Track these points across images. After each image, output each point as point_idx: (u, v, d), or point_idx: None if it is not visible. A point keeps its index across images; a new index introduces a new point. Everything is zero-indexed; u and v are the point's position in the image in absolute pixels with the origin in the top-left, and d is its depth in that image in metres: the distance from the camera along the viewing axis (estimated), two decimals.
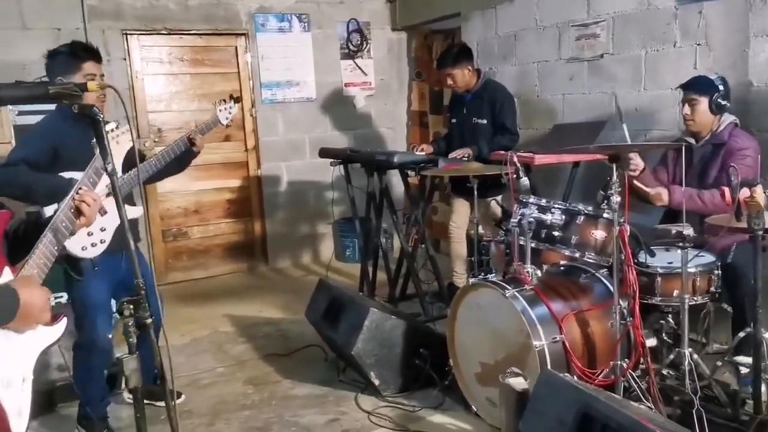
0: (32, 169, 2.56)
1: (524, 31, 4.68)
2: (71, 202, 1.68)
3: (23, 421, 1.46)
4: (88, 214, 1.70)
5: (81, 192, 1.70)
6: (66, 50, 2.75)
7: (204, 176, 5.43)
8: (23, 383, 1.48)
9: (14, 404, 1.42)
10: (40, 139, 2.69)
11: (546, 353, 2.47)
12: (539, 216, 2.81)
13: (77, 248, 2.62)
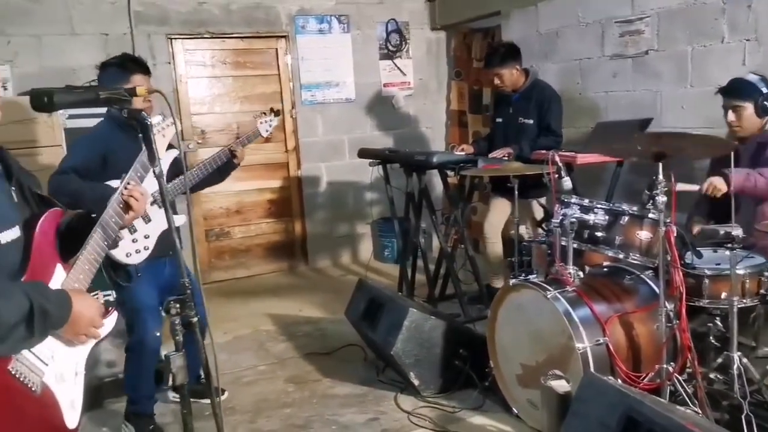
0: (81, 177, 2.64)
1: (566, 28, 4.62)
2: (120, 197, 1.72)
3: (76, 414, 1.50)
4: (137, 208, 1.73)
5: (129, 187, 1.74)
6: (116, 62, 2.84)
7: (245, 177, 5.50)
8: (76, 377, 1.52)
9: (68, 397, 1.47)
10: (89, 148, 2.78)
11: (589, 356, 2.43)
12: (582, 216, 2.77)
13: (122, 255, 2.68)
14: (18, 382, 1.32)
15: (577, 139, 4.43)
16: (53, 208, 1.57)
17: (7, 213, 1.40)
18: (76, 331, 1.46)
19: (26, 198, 1.54)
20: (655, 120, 3.87)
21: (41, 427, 1.40)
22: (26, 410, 1.35)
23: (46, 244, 1.49)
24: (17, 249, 1.41)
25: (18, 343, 1.28)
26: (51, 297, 1.36)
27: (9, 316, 1.22)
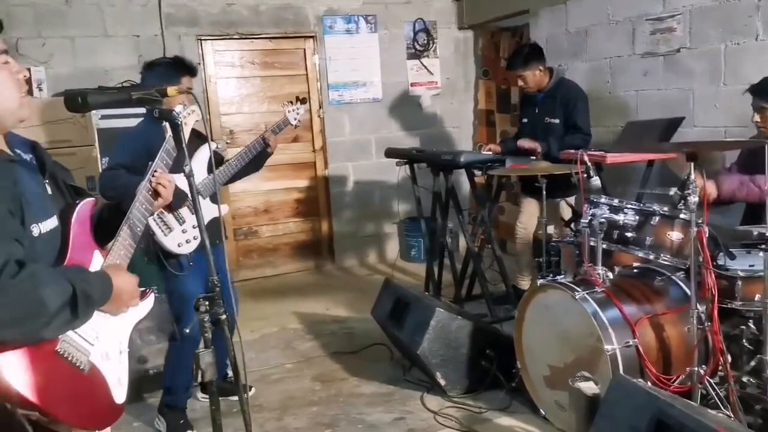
0: (129, 172, 2.70)
1: (596, 27, 4.57)
2: (148, 185, 1.77)
3: (123, 389, 1.59)
4: (165, 194, 1.79)
5: (156, 174, 1.78)
6: (166, 63, 2.87)
7: (273, 176, 5.56)
8: (120, 355, 1.60)
9: (114, 374, 1.55)
10: (134, 145, 2.82)
11: (618, 358, 2.40)
12: (611, 216, 2.74)
13: (174, 245, 2.78)
14: (66, 362, 1.39)
15: (607, 139, 4.38)
16: (88, 198, 1.61)
17: (44, 205, 1.45)
18: (118, 305, 1.54)
19: (61, 190, 1.59)
20: (687, 119, 3.80)
21: (92, 404, 1.47)
22: (76, 388, 1.42)
23: (82, 232, 1.55)
24: (56, 238, 1.47)
25: (63, 326, 1.34)
26: (92, 279, 1.43)
27: (54, 301, 1.28)
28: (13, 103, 1.41)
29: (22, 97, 1.43)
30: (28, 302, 1.24)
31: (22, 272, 1.24)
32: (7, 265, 1.22)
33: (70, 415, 1.36)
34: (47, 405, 1.29)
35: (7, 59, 1.40)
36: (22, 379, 1.27)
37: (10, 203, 1.31)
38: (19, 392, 1.26)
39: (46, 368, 1.33)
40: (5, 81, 1.39)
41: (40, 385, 1.30)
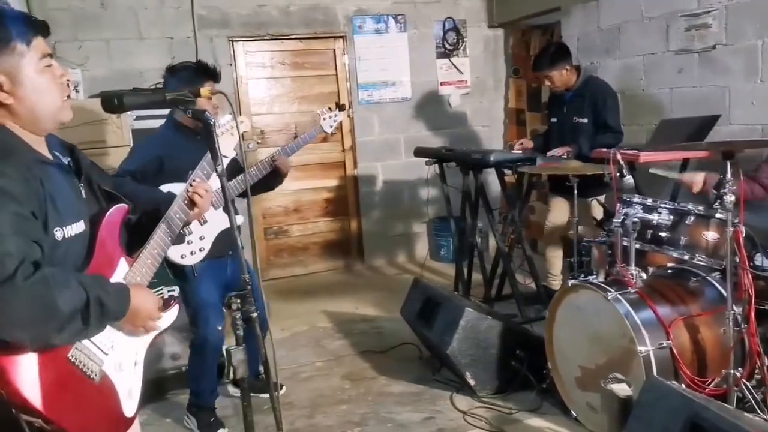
0: (137, 180, 2.70)
1: (628, 24, 4.50)
2: (185, 194, 1.77)
3: (134, 402, 1.55)
4: (201, 204, 1.78)
5: (194, 184, 1.79)
6: (190, 68, 2.87)
7: (303, 176, 5.59)
8: (135, 367, 1.57)
9: (126, 386, 1.52)
10: (147, 150, 2.85)
11: (651, 359, 2.37)
12: (644, 216, 2.70)
13: (176, 256, 2.75)
14: (77, 369, 1.36)
15: (640, 137, 4.31)
16: (120, 204, 1.62)
17: (74, 207, 1.45)
18: (134, 323, 1.51)
19: (95, 194, 1.60)
20: (723, 116, 3.72)
21: (99, 414, 1.44)
22: (85, 397, 1.39)
23: (110, 238, 1.54)
24: (82, 242, 1.46)
25: (74, 334, 1.32)
26: (110, 290, 1.40)
27: (65, 306, 1.26)
28: (54, 106, 1.42)
29: (64, 100, 1.44)
30: (40, 305, 1.22)
31: (36, 274, 1.23)
32: (22, 265, 1.21)
33: (75, 425, 1.32)
34: (52, 413, 1.26)
35: (50, 62, 1.41)
36: (29, 384, 1.24)
37: (35, 205, 1.31)
38: (25, 397, 1.23)
39: (54, 374, 1.30)
40: (48, 84, 1.40)
41: (47, 391, 1.26)
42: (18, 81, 1.36)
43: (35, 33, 1.39)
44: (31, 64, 1.37)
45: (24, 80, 1.37)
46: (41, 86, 1.39)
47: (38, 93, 1.39)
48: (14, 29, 1.35)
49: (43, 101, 1.40)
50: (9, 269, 1.19)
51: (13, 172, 1.29)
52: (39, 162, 1.40)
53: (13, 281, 1.19)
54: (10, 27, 1.34)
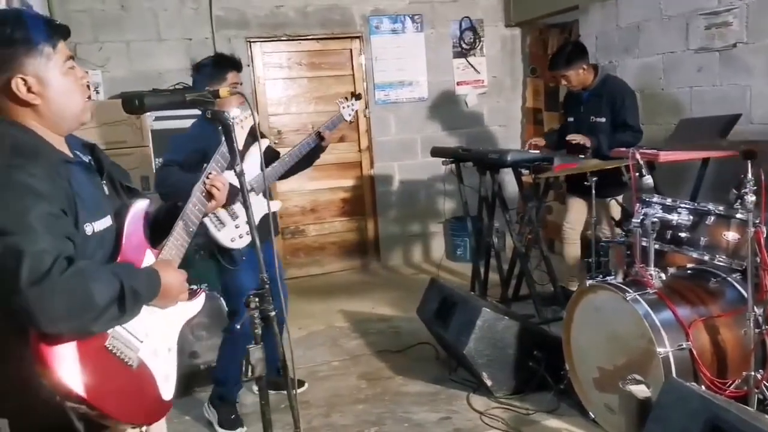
0: (182, 170, 2.78)
1: (648, 22, 4.46)
2: (202, 186, 1.80)
3: (170, 386, 1.61)
4: (218, 196, 1.82)
5: (211, 176, 1.82)
6: (210, 62, 2.96)
7: (320, 176, 5.62)
8: (169, 353, 1.63)
9: (162, 371, 1.58)
10: (189, 143, 2.91)
11: (671, 360, 2.35)
12: (664, 216, 2.67)
13: (227, 240, 2.85)
14: (115, 357, 1.42)
15: (660, 136, 4.27)
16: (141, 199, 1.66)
17: (99, 204, 1.49)
18: (166, 300, 1.57)
19: (117, 190, 1.64)
20: (744, 116, 3.68)
21: (139, 399, 1.50)
22: (124, 384, 1.45)
23: (135, 231, 1.59)
24: (110, 236, 1.51)
25: (111, 321, 1.37)
26: (140, 276, 1.46)
27: (102, 296, 1.30)
28: (77, 108, 1.47)
29: (85, 101, 1.49)
30: (77, 297, 1.27)
31: (71, 268, 1.27)
32: (57, 261, 1.25)
33: (117, 409, 1.38)
34: (95, 399, 1.31)
35: (72, 65, 1.45)
36: (72, 372, 1.29)
37: (64, 202, 1.35)
38: (69, 386, 1.28)
39: (95, 363, 1.35)
40: (71, 86, 1.45)
41: (89, 379, 1.31)
42: (45, 82, 1.40)
43: (60, 36, 1.44)
44: (57, 66, 1.42)
45: (51, 82, 1.41)
46: (66, 88, 1.44)
47: (64, 94, 1.44)
48: (42, 32, 1.39)
49: (68, 102, 1.45)
50: (45, 265, 1.23)
51: (42, 172, 1.33)
52: (64, 161, 1.44)
53: (50, 276, 1.23)
54: (38, 30, 1.38)
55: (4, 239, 1.24)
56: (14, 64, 1.37)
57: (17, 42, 1.36)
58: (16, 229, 1.24)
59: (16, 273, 1.21)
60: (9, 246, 1.23)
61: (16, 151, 1.35)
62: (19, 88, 1.38)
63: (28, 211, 1.26)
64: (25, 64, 1.38)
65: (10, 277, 1.22)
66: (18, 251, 1.22)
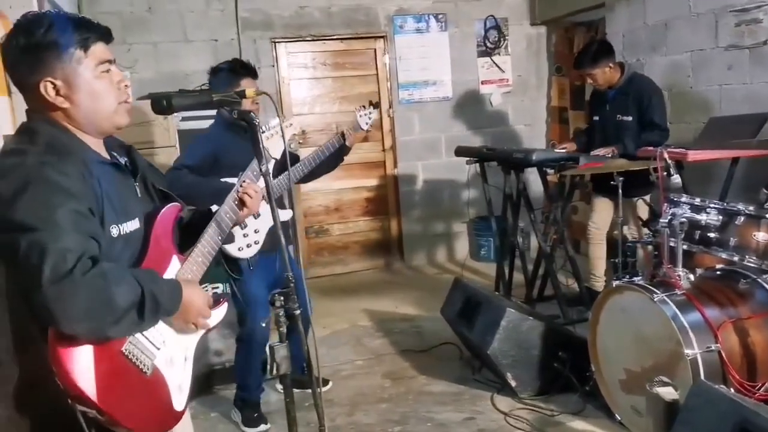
0: (194, 173, 2.82)
1: (676, 20, 4.40)
2: (235, 194, 1.81)
3: (183, 396, 1.58)
4: (251, 205, 1.81)
5: (244, 184, 1.82)
6: (226, 67, 2.98)
7: (344, 176, 5.63)
8: (185, 362, 1.60)
9: (176, 381, 1.55)
10: (201, 147, 2.96)
11: (699, 363, 2.31)
12: (692, 216, 2.63)
13: (234, 249, 2.84)
14: (130, 363, 1.40)
15: (688, 135, 4.21)
16: (173, 203, 1.67)
17: (129, 206, 1.50)
18: (185, 319, 1.54)
19: (150, 193, 1.64)
20: None
21: (151, 406, 1.47)
22: (137, 390, 1.42)
23: (163, 236, 1.58)
24: (137, 240, 1.51)
25: (129, 327, 1.35)
26: (163, 285, 1.44)
27: (122, 300, 1.29)
28: (108, 110, 1.46)
29: (120, 104, 1.48)
30: (97, 298, 1.26)
31: (94, 269, 1.26)
32: (80, 260, 1.24)
33: (127, 417, 1.35)
34: (106, 404, 1.29)
35: (107, 68, 1.45)
36: (85, 375, 1.27)
37: (92, 202, 1.35)
38: (81, 388, 1.26)
39: (109, 367, 1.33)
40: (102, 89, 1.44)
41: (102, 384, 1.29)
42: (74, 86, 1.41)
43: (96, 39, 1.43)
44: (87, 69, 1.42)
45: (80, 85, 1.41)
46: (96, 91, 1.43)
47: (93, 98, 1.43)
48: (74, 36, 1.39)
49: (97, 106, 1.44)
50: (69, 264, 1.23)
51: (72, 171, 1.33)
52: (97, 162, 1.45)
53: (72, 276, 1.23)
54: (69, 34, 1.39)
55: (29, 235, 1.24)
56: (44, 67, 1.38)
57: (47, 46, 1.37)
58: (42, 226, 1.24)
59: (38, 270, 1.21)
60: (34, 242, 1.23)
61: (49, 149, 1.36)
62: (47, 91, 1.39)
63: (55, 208, 1.27)
64: (54, 67, 1.39)
65: (33, 274, 1.21)
66: (42, 248, 1.22)
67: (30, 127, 1.43)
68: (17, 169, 1.30)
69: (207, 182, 2.81)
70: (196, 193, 2.72)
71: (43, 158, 1.32)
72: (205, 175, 2.83)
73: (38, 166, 1.30)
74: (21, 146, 1.37)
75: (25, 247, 1.23)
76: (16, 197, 1.27)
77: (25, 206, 1.26)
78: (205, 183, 2.81)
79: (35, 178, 1.29)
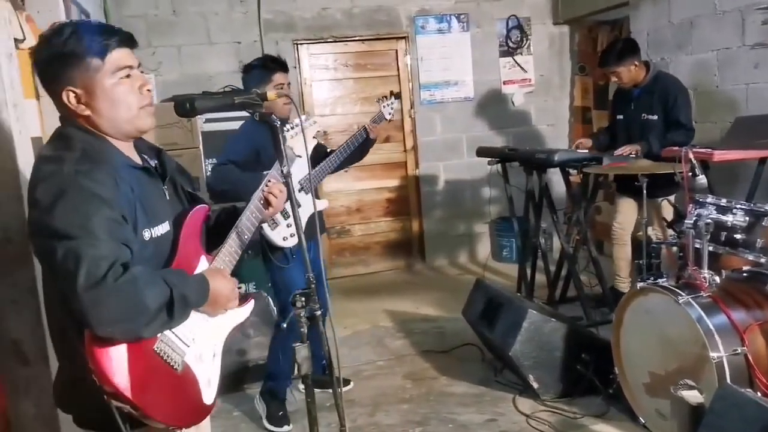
0: (239, 168, 2.87)
1: (701, 17, 4.34)
2: (261, 194, 1.83)
3: (212, 391, 1.63)
4: (276, 204, 1.84)
5: (270, 184, 1.84)
6: (258, 64, 3.04)
7: (365, 176, 5.65)
8: (213, 358, 1.65)
9: (205, 376, 1.60)
10: (243, 142, 3.01)
11: (725, 366, 2.28)
12: (718, 217, 2.59)
13: (279, 239, 2.92)
14: (162, 360, 1.44)
15: (714, 135, 4.15)
16: (201, 204, 1.70)
17: (159, 209, 1.54)
18: (215, 307, 1.60)
19: (178, 195, 1.68)
20: None
21: (182, 401, 1.52)
22: (169, 385, 1.47)
23: (192, 237, 1.62)
24: (167, 242, 1.55)
25: (161, 327, 1.40)
26: (190, 283, 1.49)
27: (152, 302, 1.34)
28: (129, 115, 1.49)
29: (141, 108, 1.50)
30: (130, 303, 1.31)
31: (125, 274, 1.31)
32: (113, 267, 1.29)
33: (160, 412, 1.40)
34: (140, 400, 1.34)
35: (127, 73, 1.48)
36: (120, 373, 1.33)
37: (125, 209, 1.39)
38: (116, 385, 1.32)
39: (142, 365, 1.38)
40: (121, 96, 1.47)
41: (136, 381, 1.34)
42: (94, 94, 1.45)
43: (116, 45, 1.46)
44: (106, 77, 1.45)
45: (99, 93, 1.45)
46: (115, 98, 1.46)
47: (113, 104, 1.46)
48: (90, 45, 1.42)
49: (117, 112, 1.47)
50: (102, 271, 1.28)
51: (106, 178, 1.38)
52: (128, 167, 1.49)
53: (105, 282, 1.28)
54: (86, 44, 1.42)
55: (66, 243, 1.29)
56: (65, 76, 1.43)
57: (66, 56, 1.42)
58: (77, 234, 1.29)
59: (74, 277, 1.26)
60: (70, 249, 1.28)
61: (84, 156, 1.40)
62: (69, 99, 1.44)
63: (90, 216, 1.31)
64: (74, 77, 1.43)
65: (69, 280, 1.27)
66: (77, 256, 1.27)
67: (64, 133, 1.48)
68: (55, 177, 1.35)
69: (253, 177, 2.84)
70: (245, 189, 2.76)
71: (78, 166, 1.37)
72: (249, 170, 2.87)
73: (74, 175, 1.35)
74: (57, 153, 1.42)
75: (61, 254, 1.29)
76: (55, 204, 1.32)
77: (62, 214, 1.31)
78: (252, 178, 2.84)
79: (71, 187, 1.33)
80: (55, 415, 2.06)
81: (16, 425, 2.12)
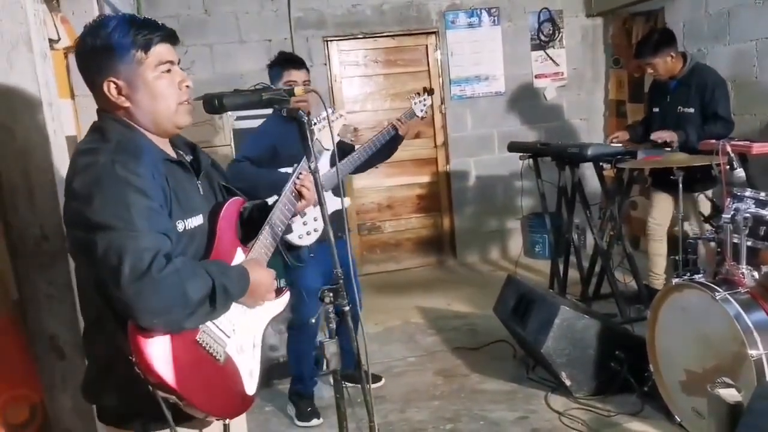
0: (254, 165, 2.89)
1: (739, 7, 4.22)
2: (293, 186, 1.84)
3: (254, 381, 1.64)
4: (308, 196, 1.85)
5: (302, 176, 1.85)
6: (274, 61, 3.10)
7: (396, 173, 5.64)
8: (254, 349, 1.66)
9: (247, 367, 1.61)
10: (260, 140, 3.04)
11: (764, 364, 2.22)
12: (757, 211, 2.53)
13: (295, 237, 2.91)
14: (205, 351, 1.46)
15: (753, 127, 4.04)
16: (236, 197, 1.72)
17: (193, 202, 1.55)
18: (255, 298, 1.61)
19: (213, 189, 1.70)
20: None
21: (225, 393, 1.54)
22: (212, 376, 1.49)
23: (228, 229, 1.64)
24: (201, 235, 1.56)
25: (203, 317, 1.42)
26: (231, 273, 1.50)
27: (195, 293, 1.35)
28: (168, 110, 1.51)
29: (179, 104, 1.53)
30: (173, 294, 1.32)
31: (168, 266, 1.31)
32: (155, 258, 1.30)
33: (205, 402, 1.42)
34: (185, 390, 1.35)
35: (168, 68, 1.50)
36: (165, 364, 1.34)
37: (161, 199, 1.41)
38: (162, 376, 1.33)
39: (186, 356, 1.39)
40: (161, 90, 1.49)
41: (180, 371, 1.36)
42: (135, 86, 1.47)
43: (160, 40, 1.48)
44: (148, 70, 1.47)
45: (140, 85, 1.47)
46: (156, 91, 1.49)
47: (153, 98, 1.49)
48: (136, 37, 1.44)
49: (157, 106, 1.50)
50: (145, 263, 1.29)
51: (144, 171, 1.39)
52: (164, 160, 1.51)
53: (150, 274, 1.29)
54: (132, 35, 1.44)
55: (108, 234, 1.30)
56: (108, 67, 1.44)
57: (111, 47, 1.43)
58: (117, 224, 1.30)
59: (117, 270, 1.27)
60: (112, 242, 1.29)
61: (120, 147, 1.41)
62: (110, 90, 1.46)
63: (129, 206, 1.32)
64: (117, 68, 1.44)
65: (113, 273, 1.28)
66: (120, 249, 1.28)
67: (100, 126, 1.49)
68: (91, 168, 1.36)
69: (267, 173, 2.88)
70: (257, 185, 2.79)
71: (115, 156, 1.38)
72: (265, 167, 2.90)
73: (110, 165, 1.36)
74: (94, 145, 1.43)
75: (103, 247, 1.30)
76: (92, 195, 1.33)
77: (101, 204, 1.32)
78: (265, 174, 2.88)
79: (108, 177, 1.34)
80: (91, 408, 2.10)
81: (54, 419, 2.17)
